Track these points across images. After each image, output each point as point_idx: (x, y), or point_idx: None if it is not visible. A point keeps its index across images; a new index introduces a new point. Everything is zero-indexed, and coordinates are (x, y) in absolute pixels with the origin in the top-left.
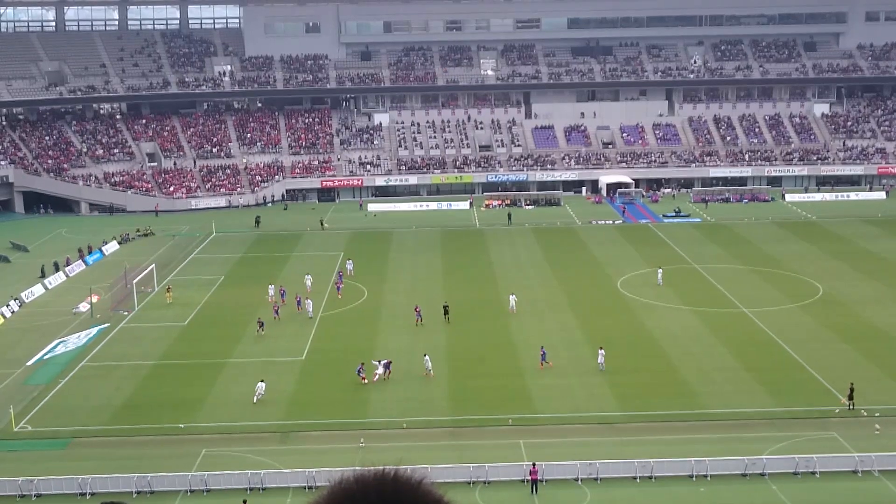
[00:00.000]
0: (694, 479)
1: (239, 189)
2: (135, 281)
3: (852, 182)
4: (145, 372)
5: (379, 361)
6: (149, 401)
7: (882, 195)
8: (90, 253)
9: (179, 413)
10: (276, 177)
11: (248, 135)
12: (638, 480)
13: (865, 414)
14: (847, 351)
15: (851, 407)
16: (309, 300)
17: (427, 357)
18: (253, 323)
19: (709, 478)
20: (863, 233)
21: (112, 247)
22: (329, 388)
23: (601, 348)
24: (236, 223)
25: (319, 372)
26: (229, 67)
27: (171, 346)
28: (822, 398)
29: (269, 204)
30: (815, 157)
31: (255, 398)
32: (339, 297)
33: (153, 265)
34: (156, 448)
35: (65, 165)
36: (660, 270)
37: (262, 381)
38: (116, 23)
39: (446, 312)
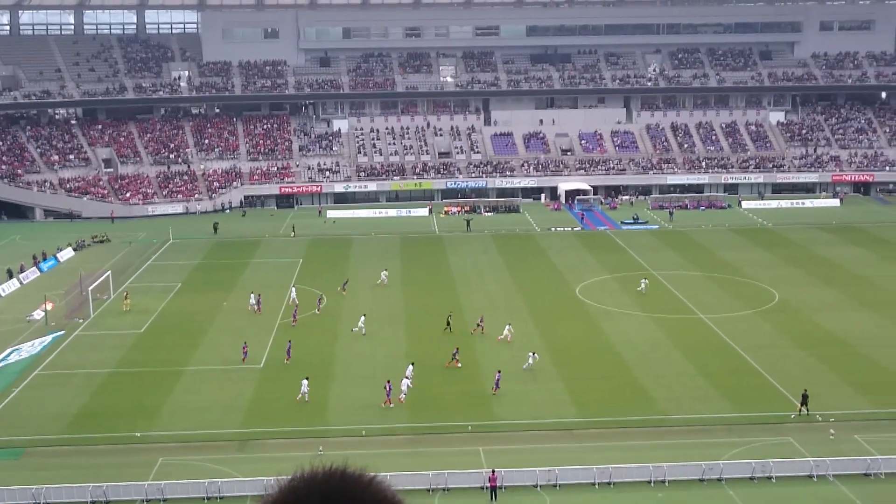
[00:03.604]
0: (652, 484)
1: (196, 195)
2: (90, 288)
3: (807, 189)
4: (101, 380)
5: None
6: (104, 409)
7: (836, 202)
8: (45, 260)
9: (136, 421)
10: (235, 183)
11: (206, 141)
12: (597, 486)
13: (821, 419)
14: (803, 357)
15: (806, 413)
16: (363, 316)
17: (406, 380)
18: (209, 330)
19: (667, 483)
20: (818, 239)
21: (67, 253)
22: (287, 396)
23: (533, 353)
24: (194, 230)
25: (278, 379)
26: (187, 73)
27: (128, 353)
28: (779, 404)
29: (228, 210)
30: (770, 165)
31: (300, 396)
32: (318, 312)
33: (109, 272)
34: (111, 457)
35: (19, 171)
36: (644, 280)
37: (306, 378)
38: (72, 27)
39: (448, 324)
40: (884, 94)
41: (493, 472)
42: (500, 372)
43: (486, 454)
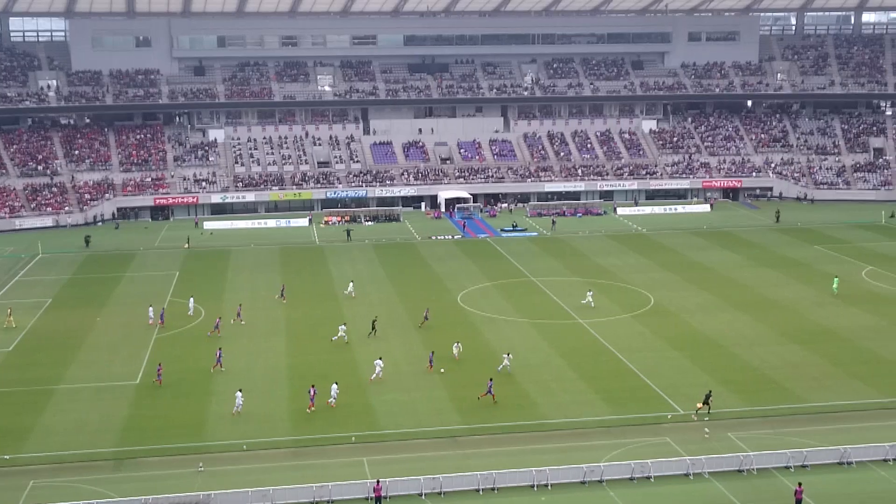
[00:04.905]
0: (535, 488)
1: (67, 208)
2: None
3: (679, 195)
4: None
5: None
6: None
7: (707, 208)
8: None
9: (4, 443)
10: (107, 195)
11: (76, 151)
12: (481, 492)
13: (696, 419)
14: (677, 358)
15: (696, 411)
16: (343, 325)
17: (335, 385)
18: (82, 347)
19: (549, 487)
20: (690, 244)
21: None
22: (165, 412)
23: (508, 353)
24: (64, 243)
25: (155, 395)
26: (55, 82)
27: None
28: (655, 405)
29: (100, 223)
30: (644, 172)
31: (235, 410)
32: (242, 322)
33: None
34: None
35: None
36: (589, 292)
37: (239, 390)
38: None
39: (374, 328)
40: (749, 103)
41: (378, 482)
42: (491, 380)
43: (371, 464)
